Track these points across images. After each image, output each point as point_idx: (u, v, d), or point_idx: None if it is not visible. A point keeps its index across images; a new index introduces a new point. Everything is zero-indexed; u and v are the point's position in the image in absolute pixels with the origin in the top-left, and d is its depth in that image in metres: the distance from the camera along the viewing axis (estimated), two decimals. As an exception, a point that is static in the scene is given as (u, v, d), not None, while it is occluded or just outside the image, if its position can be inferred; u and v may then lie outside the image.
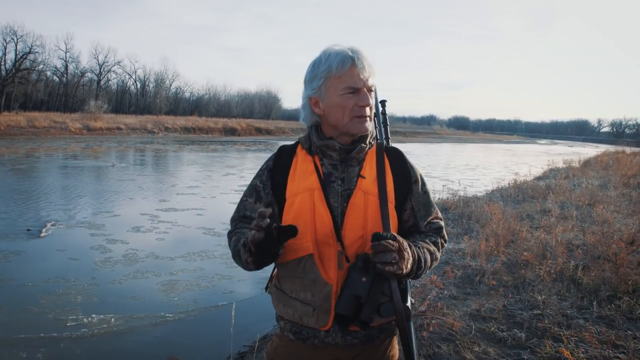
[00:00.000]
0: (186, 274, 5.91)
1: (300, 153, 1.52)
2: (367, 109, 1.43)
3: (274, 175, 1.51)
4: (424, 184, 1.55)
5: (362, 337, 1.46)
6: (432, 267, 1.51)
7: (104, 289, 5.29)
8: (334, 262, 1.41)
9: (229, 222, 1.60)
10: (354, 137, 1.47)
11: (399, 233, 1.49)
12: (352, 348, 1.47)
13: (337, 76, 1.41)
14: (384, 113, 1.74)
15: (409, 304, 1.43)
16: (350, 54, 1.41)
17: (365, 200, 1.43)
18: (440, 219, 1.58)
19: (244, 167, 19.00)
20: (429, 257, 1.45)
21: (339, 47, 1.44)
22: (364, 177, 1.45)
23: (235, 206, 1.60)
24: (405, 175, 1.51)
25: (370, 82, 1.44)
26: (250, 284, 5.68)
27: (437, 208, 1.58)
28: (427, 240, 1.51)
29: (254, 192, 1.54)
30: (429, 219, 1.55)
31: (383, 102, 1.75)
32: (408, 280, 1.47)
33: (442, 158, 30.25)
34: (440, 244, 1.55)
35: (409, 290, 1.48)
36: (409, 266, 1.34)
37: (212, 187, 13.09)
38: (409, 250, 1.35)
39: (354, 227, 1.41)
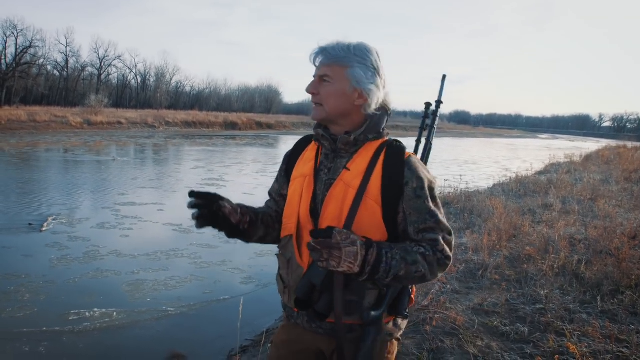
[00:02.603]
0: (188, 268, 5.90)
1: (314, 141, 1.60)
2: (313, 96, 1.47)
3: (290, 160, 1.64)
4: (420, 187, 1.41)
5: (326, 328, 1.46)
6: (415, 278, 1.36)
7: (105, 283, 5.29)
8: None
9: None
10: (344, 127, 1.49)
11: (392, 236, 1.43)
12: (327, 339, 1.47)
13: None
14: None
15: (379, 312, 1.38)
16: (316, 46, 1.47)
17: (345, 192, 1.43)
18: (441, 230, 1.40)
19: (248, 161, 18.99)
20: (402, 266, 1.32)
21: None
22: (349, 170, 1.45)
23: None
24: (396, 174, 1.41)
25: (324, 71, 1.45)
26: (253, 278, 5.67)
27: (438, 217, 1.41)
28: (415, 250, 1.36)
29: (278, 174, 1.70)
30: (421, 227, 1.40)
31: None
32: (391, 288, 1.42)
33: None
34: (432, 257, 1.37)
35: (388, 298, 1.42)
36: (345, 265, 1.28)
37: (213, 185, 13.09)
38: (352, 248, 1.28)
39: (330, 216, 1.43)
